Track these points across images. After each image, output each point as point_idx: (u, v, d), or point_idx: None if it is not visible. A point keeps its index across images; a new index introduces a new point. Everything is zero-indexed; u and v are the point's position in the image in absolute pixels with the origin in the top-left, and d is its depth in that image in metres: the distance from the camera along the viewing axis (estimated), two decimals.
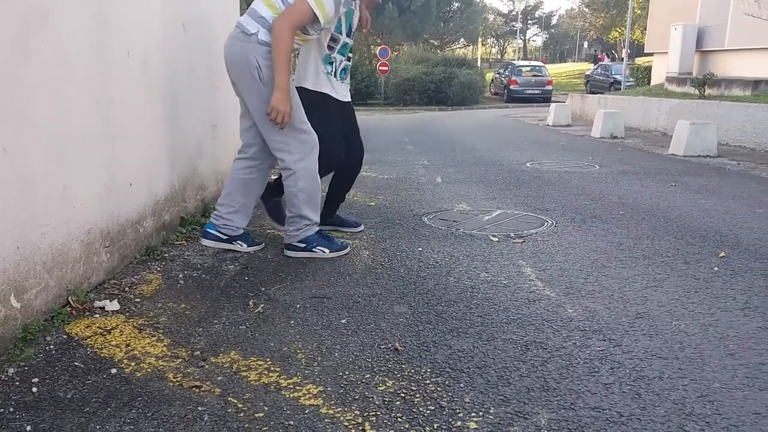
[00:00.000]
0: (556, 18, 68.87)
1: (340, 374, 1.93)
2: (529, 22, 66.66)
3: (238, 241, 3.21)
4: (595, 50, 52.41)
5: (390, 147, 8.58)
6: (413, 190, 5.12)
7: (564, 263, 3.09)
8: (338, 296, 2.62)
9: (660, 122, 10.54)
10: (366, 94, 21.91)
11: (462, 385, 1.86)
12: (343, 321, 2.35)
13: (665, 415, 1.70)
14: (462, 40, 34.83)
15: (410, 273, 2.93)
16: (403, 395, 1.80)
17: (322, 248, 3.15)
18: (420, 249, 3.34)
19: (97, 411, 1.71)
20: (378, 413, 1.71)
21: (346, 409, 1.73)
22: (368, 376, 1.92)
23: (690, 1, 13.07)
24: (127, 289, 2.66)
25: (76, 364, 1.98)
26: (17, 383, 1.85)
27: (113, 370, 1.94)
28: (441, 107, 20.84)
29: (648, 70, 18.42)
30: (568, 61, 63.36)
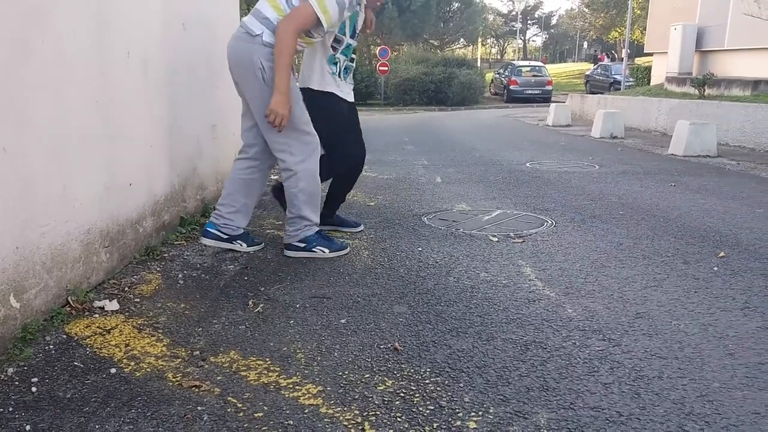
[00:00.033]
0: (555, 18, 69.03)
1: (340, 374, 1.93)
2: (529, 22, 66.70)
3: (238, 241, 3.21)
4: (595, 50, 52.44)
5: (390, 147, 8.58)
6: (413, 190, 5.12)
7: (564, 263, 3.09)
8: (338, 296, 2.62)
9: (660, 122, 10.54)
10: (366, 94, 21.90)
11: (461, 385, 1.86)
12: (342, 321, 2.36)
13: (665, 414, 1.70)
14: (462, 40, 34.87)
15: (410, 273, 2.93)
16: (402, 395, 1.81)
17: (321, 248, 3.15)
18: (420, 249, 3.34)
19: (97, 410, 1.71)
20: (377, 413, 1.71)
21: (345, 408, 1.73)
22: (368, 375, 1.92)
23: (690, 1, 13.08)
24: (126, 289, 2.66)
25: (76, 363, 1.98)
26: (17, 383, 1.85)
27: (112, 370, 1.94)
28: (441, 107, 20.83)
29: (648, 70, 18.43)
30: (567, 61, 63.37)
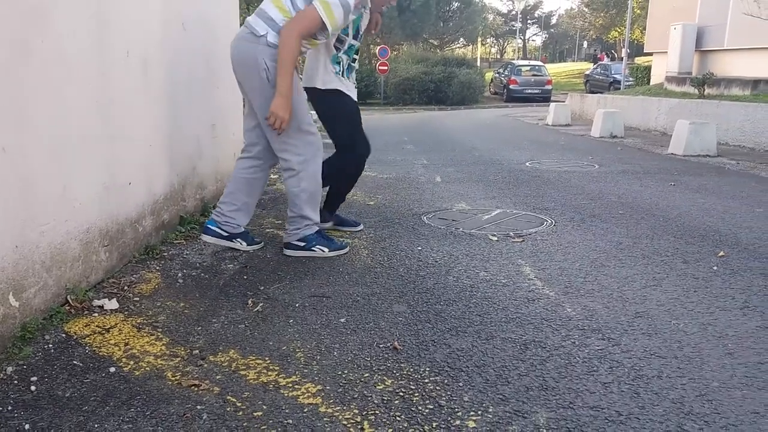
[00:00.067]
0: (555, 17, 69.02)
1: (339, 373, 1.93)
2: (529, 21, 66.69)
3: (238, 239, 3.21)
4: (595, 50, 52.42)
5: (389, 146, 8.57)
6: (413, 190, 5.12)
7: (563, 262, 3.09)
8: (337, 295, 2.62)
9: (659, 122, 10.54)
10: (365, 94, 21.91)
11: (461, 384, 1.86)
12: (342, 320, 2.36)
13: (664, 414, 1.70)
14: (461, 39, 34.90)
15: (409, 272, 2.94)
16: (401, 394, 1.81)
17: (321, 247, 3.15)
18: (419, 248, 3.34)
19: (96, 409, 1.71)
20: (377, 412, 1.71)
21: (344, 407, 1.73)
22: (367, 374, 1.93)
23: (689, 0, 13.08)
24: (126, 287, 2.66)
25: (75, 362, 1.99)
26: (16, 382, 1.85)
27: (112, 369, 1.94)
28: (440, 107, 20.84)
29: (647, 69, 18.43)
30: (567, 60, 63.38)
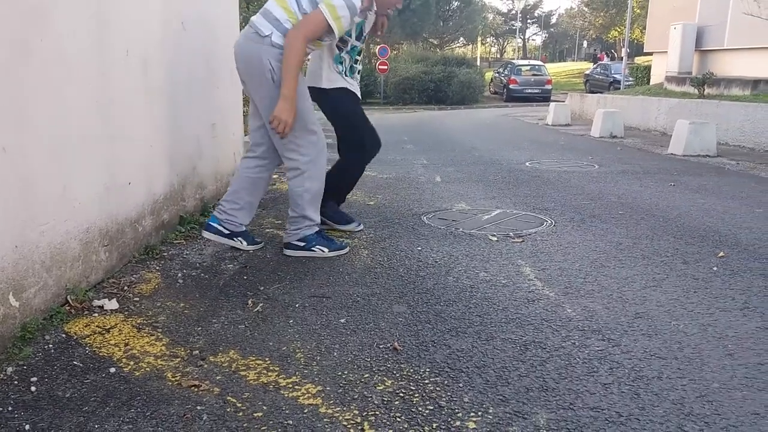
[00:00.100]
0: (555, 17, 69.00)
1: (339, 374, 1.93)
2: (529, 21, 66.63)
3: (239, 238, 3.21)
4: (595, 49, 52.41)
5: (389, 146, 8.56)
6: (412, 190, 5.12)
7: (563, 263, 3.09)
8: (337, 295, 2.62)
9: (659, 122, 10.54)
10: (365, 93, 21.69)
11: (461, 385, 1.86)
12: (342, 320, 2.36)
13: (664, 415, 1.70)
14: (461, 39, 34.90)
15: (409, 272, 2.94)
16: (402, 395, 1.81)
17: (321, 247, 3.15)
18: (419, 248, 3.34)
19: (96, 410, 1.71)
20: (377, 413, 1.71)
21: (344, 408, 1.73)
22: (367, 375, 1.93)
23: (689, 0, 13.08)
24: (125, 288, 2.66)
25: (75, 363, 1.98)
26: (16, 382, 1.85)
27: (112, 369, 1.94)
28: (440, 106, 20.82)
29: (647, 69, 18.43)
30: (567, 60, 63.36)
